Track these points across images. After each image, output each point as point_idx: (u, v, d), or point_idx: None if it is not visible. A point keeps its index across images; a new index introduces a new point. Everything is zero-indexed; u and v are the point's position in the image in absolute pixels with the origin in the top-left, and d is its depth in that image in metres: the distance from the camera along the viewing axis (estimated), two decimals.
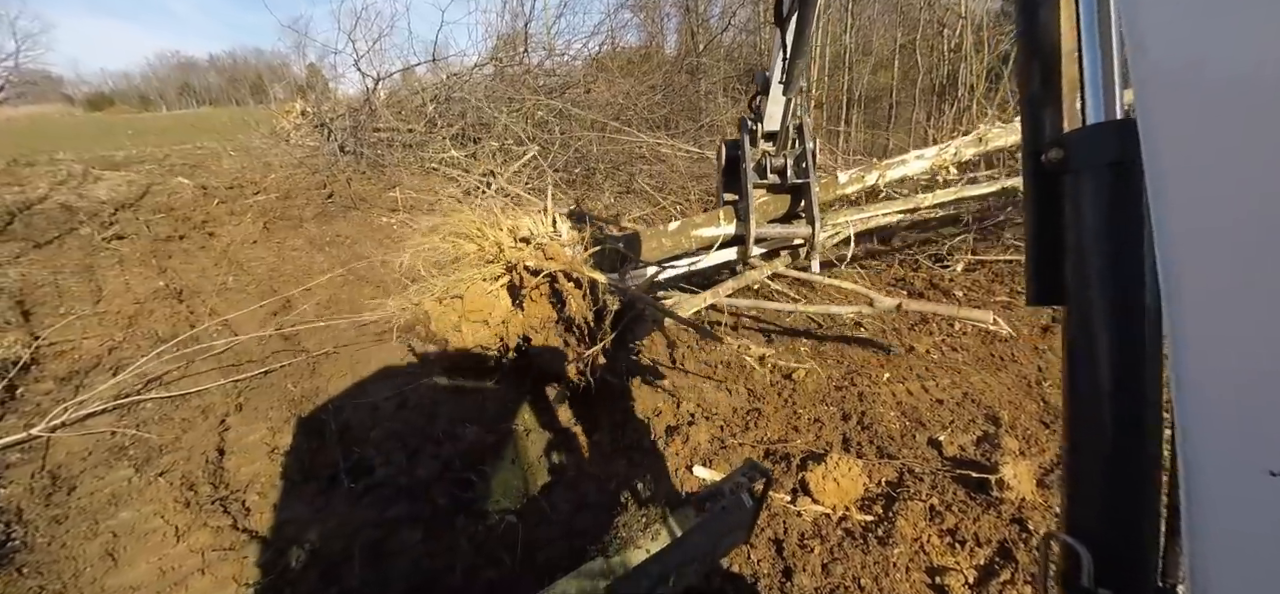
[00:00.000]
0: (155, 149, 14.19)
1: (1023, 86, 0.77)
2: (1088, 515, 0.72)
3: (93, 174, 9.61)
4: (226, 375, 3.69)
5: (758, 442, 3.18)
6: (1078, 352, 0.71)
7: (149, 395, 3.45)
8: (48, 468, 2.84)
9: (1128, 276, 0.64)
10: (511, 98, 10.44)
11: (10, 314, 4.57)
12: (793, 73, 2.47)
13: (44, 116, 39.16)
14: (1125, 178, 0.62)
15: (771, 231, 3.00)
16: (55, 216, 7.50)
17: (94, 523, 2.49)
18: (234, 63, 76.44)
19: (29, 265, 5.80)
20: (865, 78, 12.17)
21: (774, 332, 4.44)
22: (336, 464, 2.80)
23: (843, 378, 3.78)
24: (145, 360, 3.70)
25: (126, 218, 7.50)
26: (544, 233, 3.03)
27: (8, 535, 2.40)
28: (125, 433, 3.08)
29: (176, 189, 9.02)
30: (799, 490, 2.76)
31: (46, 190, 8.59)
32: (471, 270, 2.95)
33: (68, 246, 6.49)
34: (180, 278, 5.51)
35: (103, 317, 4.62)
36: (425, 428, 3.10)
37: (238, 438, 3.09)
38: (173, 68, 76.93)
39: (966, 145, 4.54)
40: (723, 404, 3.55)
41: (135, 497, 2.64)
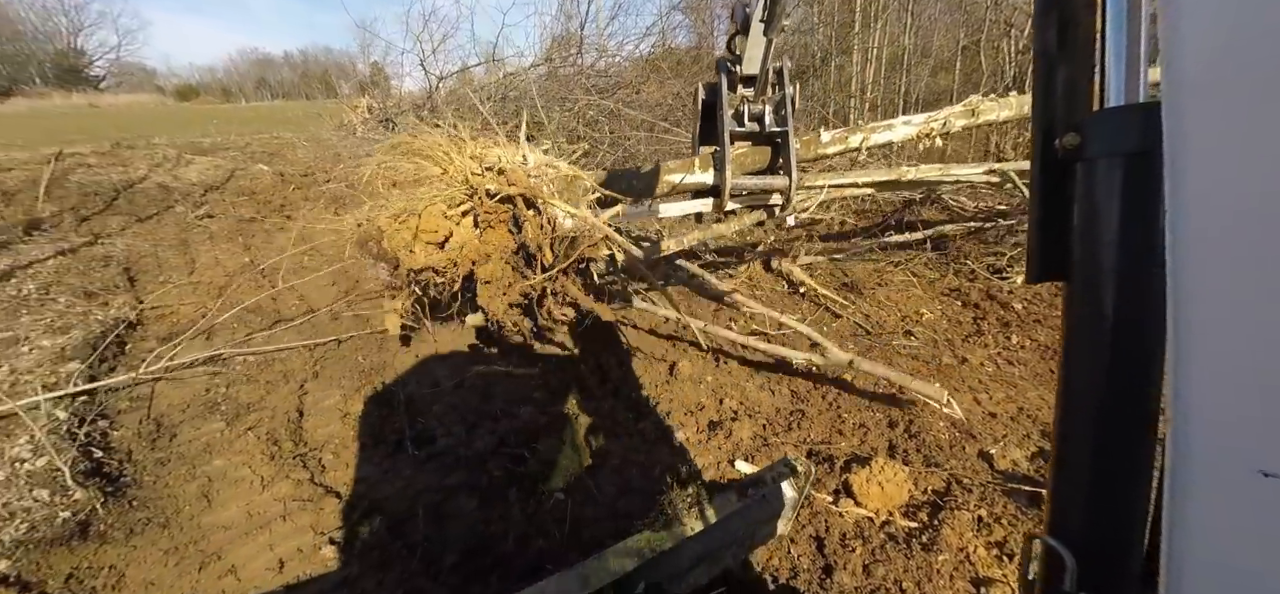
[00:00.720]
0: (237, 137, 15.22)
1: (1038, 64, 0.72)
2: (1073, 517, 0.70)
3: (185, 158, 10.43)
4: (306, 345, 4.00)
5: (801, 442, 3.21)
6: (1076, 345, 0.69)
7: (239, 352, 3.78)
8: (153, 416, 3.17)
9: (1137, 270, 0.61)
10: (564, 98, 10.69)
11: (119, 279, 5.07)
12: (774, 9, 2.26)
13: (140, 104, 42.56)
14: (1143, 168, 0.59)
15: (748, 183, 2.82)
16: (154, 195, 8.21)
17: (191, 467, 2.78)
18: (305, 60, 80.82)
19: (133, 238, 6.40)
20: (923, 79, 11.84)
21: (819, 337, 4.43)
22: (402, 432, 3.01)
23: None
24: (234, 323, 4.05)
25: (214, 198, 8.13)
26: (510, 160, 2.91)
27: (121, 472, 2.70)
28: (218, 390, 3.40)
29: (257, 175, 9.70)
30: (842, 491, 2.77)
31: (146, 171, 9.39)
32: (432, 191, 2.83)
33: (165, 222, 7.10)
34: (262, 255, 5.96)
35: (196, 286, 5.07)
36: (482, 406, 3.28)
37: (315, 401, 3.36)
38: (251, 63, 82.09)
39: (958, 115, 4.29)
40: (765, 403, 3.59)
41: (226, 447, 2.91)
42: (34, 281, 4.77)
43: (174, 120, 24.07)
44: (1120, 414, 0.65)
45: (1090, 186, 0.64)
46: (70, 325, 3.97)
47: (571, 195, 3.15)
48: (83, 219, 6.91)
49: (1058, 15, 0.69)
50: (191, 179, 9.22)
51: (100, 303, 4.46)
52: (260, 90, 72.97)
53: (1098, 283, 0.64)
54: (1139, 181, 0.59)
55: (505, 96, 11.14)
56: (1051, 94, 0.70)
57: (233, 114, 30.09)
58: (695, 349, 4.18)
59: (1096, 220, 0.63)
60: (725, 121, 2.65)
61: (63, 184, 8.24)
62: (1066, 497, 0.71)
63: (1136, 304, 0.61)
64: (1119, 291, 0.62)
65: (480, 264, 2.90)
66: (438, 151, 2.94)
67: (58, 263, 5.34)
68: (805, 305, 5.01)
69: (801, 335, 4.04)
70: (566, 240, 3.00)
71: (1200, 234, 0.50)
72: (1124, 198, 0.61)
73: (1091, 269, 0.64)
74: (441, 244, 2.87)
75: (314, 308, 4.70)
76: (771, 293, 5.28)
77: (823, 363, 3.52)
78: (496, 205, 2.85)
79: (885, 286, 5.44)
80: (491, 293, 2.86)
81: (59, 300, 4.44)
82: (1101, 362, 0.65)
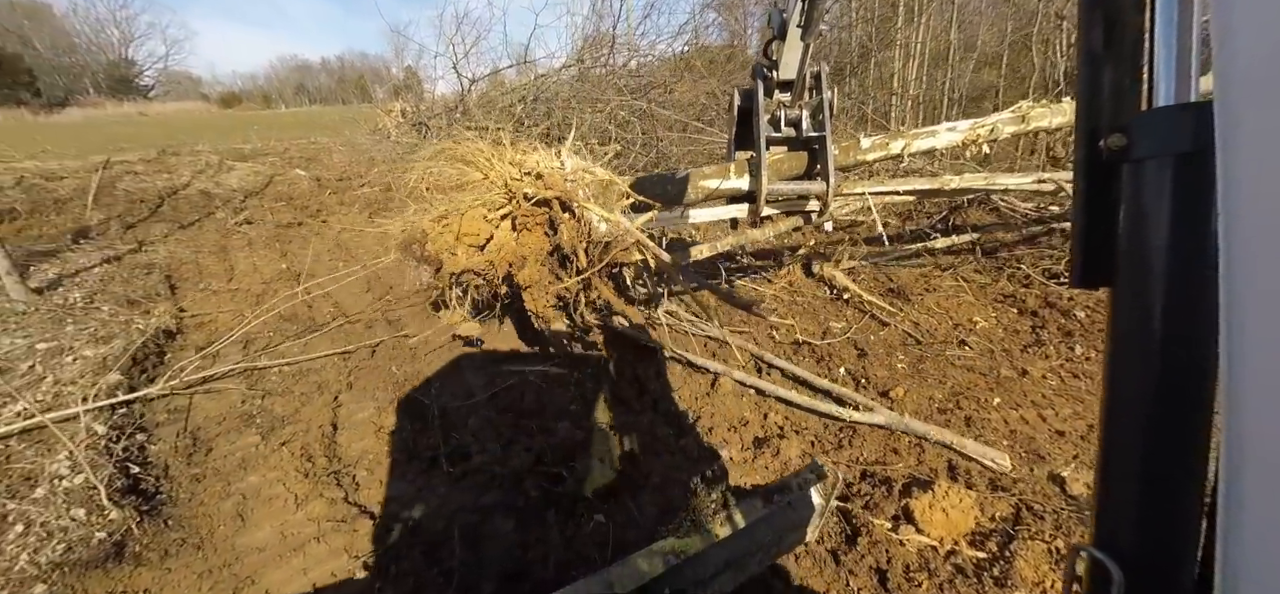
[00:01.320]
0: (276, 142, 15.60)
1: (1083, 64, 0.70)
2: (1121, 529, 0.68)
3: (226, 164, 10.69)
4: (339, 354, 3.96)
5: (853, 461, 3.02)
6: (1124, 351, 0.66)
7: (275, 363, 3.76)
8: (189, 429, 3.15)
9: (1187, 274, 0.58)
10: (596, 99, 10.61)
11: (160, 287, 5.15)
12: (812, 13, 2.21)
13: (185, 111, 44.30)
14: (1194, 169, 0.56)
15: (784, 188, 2.77)
16: (196, 201, 8.41)
17: (227, 483, 2.73)
18: (341, 65, 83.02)
19: (175, 244, 6.53)
20: (968, 75, 11.32)
21: (867, 345, 4.20)
22: (437, 448, 2.92)
23: (946, 400, 3.52)
24: (269, 331, 4.04)
25: (253, 204, 8.28)
26: (547, 165, 3.00)
27: (157, 488, 2.67)
28: (253, 402, 3.37)
29: (294, 180, 9.87)
30: (902, 517, 2.58)
31: (189, 177, 9.65)
32: (473, 196, 2.94)
33: (206, 229, 7.25)
34: (299, 261, 6.00)
35: (235, 293, 5.11)
36: (517, 419, 3.17)
37: (349, 414, 3.30)
38: (290, 69, 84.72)
39: (1006, 122, 4.09)
40: (813, 418, 3.40)
41: (261, 462, 2.87)
42: (80, 290, 4.88)
43: (217, 127, 24.89)
44: (1170, 423, 0.63)
45: (1137, 189, 0.62)
46: (112, 334, 4.02)
47: (606, 200, 3.14)
48: (128, 226, 7.10)
49: (1104, 13, 0.67)
50: (232, 185, 9.44)
51: (142, 311, 4.52)
52: (298, 96, 75.24)
53: (1146, 287, 0.62)
54: (1189, 183, 0.57)
55: (536, 98, 11.11)
56: (1097, 94, 0.68)
57: (272, 120, 31.00)
58: (737, 358, 4.00)
59: (1144, 223, 0.62)
60: (761, 127, 2.60)
61: (111, 191, 8.51)
62: (1114, 508, 0.69)
63: (1187, 309, 0.59)
64: (1168, 296, 0.60)
65: (517, 268, 2.97)
66: (479, 157, 3.00)
67: (103, 270, 5.46)
68: (849, 312, 4.78)
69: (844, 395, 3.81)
70: (600, 245, 3.01)
71: (1255, 236, 0.48)
72: (1173, 200, 0.59)
73: (1139, 273, 0.63)
74: (482, 247, 2.94)
75: (348, 314, 4.69)
76: (813, 299, 5.06)
77: (864, 419, 3.29)
78: (533, 209, 2.90)
79: (934, 292, 5.17)
80: (534, 296, 2.97)
81: (103, 308, 4.51)
82: (1150, 368, 0.63)
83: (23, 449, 2.86)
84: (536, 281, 2.95)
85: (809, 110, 2.69)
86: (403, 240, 3.24)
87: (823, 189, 2.72)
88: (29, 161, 10.46)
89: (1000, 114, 4.26)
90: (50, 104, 41.99)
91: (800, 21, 2.27)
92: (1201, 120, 0.53)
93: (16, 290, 4.46)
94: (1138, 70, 0.65)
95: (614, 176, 3.21)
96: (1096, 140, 0.66)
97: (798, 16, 2.26)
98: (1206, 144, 0.51)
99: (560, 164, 3.07)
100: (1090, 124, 0.68)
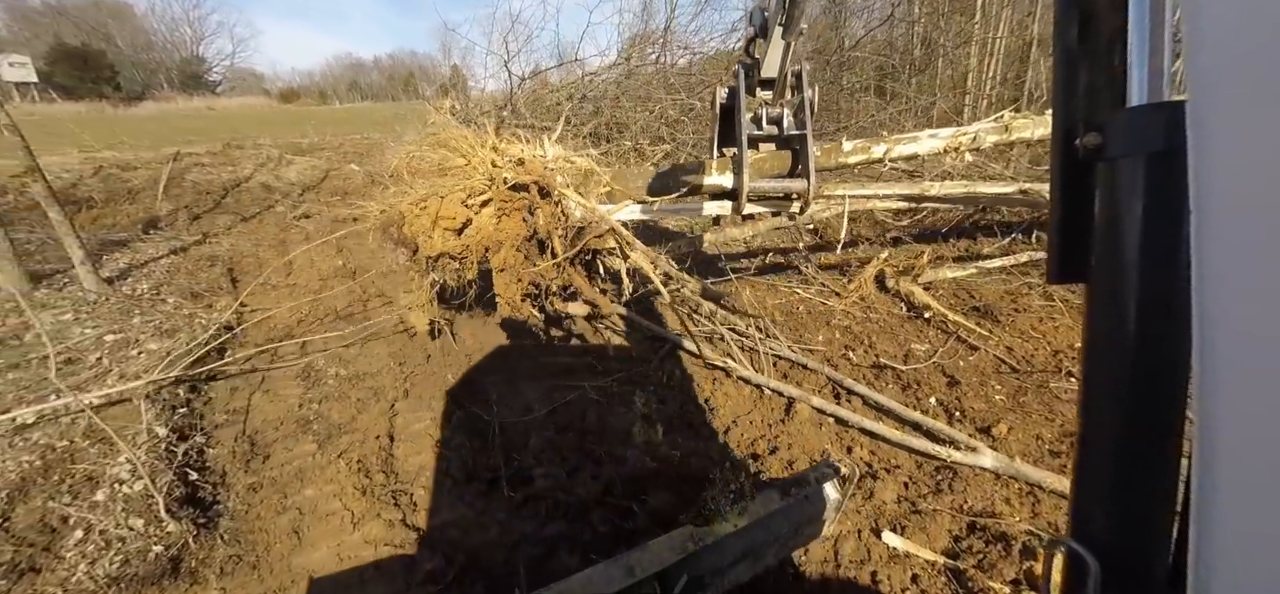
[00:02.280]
0: (331, 137, 16.04)
1: (1058, 63, 0.71)
2: (1097, 521, 0.69)
3: (285, 158, 10.96)
4: (395, 358, 3.85)
5: (957, 508, 2.68)
6: (1099, 346, 0.68)
7: (332, 370, 3.67)
8: (247, 432, 3.06)
9: (1161, 271, 0.59)
10: (645, 97, 10.37)
11: (222, 280, 5.19)
12: (793, 13, 2.18)
13: (249, 106, 46.48)
14: (1167, 167, 0.56)
15: (765, 185, 2.70)
16: (257, 194, 8.60)
17: (283, 496, 2.61)
18: (392, 63, 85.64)
19: (237, 237, 6.63)
20: (1048, 73, 10.53)
21: (957, 372, 3.81)
22: (497, 469, 2.74)
23: (1057, 440, 3.12)
24: (327, 331, 3.96)
25: (311, 198, 8.40)
26: (530, 153, 3.05)
27: (215, 497, 2.57)
28: (311, 406, 3.27)
29: (349, 175, 10.01)
30: (1023, 582, 2.24)
31: (251, 170, 9.92)
32: (454, 181, 2.97)
33: (266, 222, 7.37)
34: (354, 257, 5.98)
35: (293, 289, 5.10)
36: (581, 442, 2.96)
37: (405, 424, 3.16)
38: (345, 67, 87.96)
39: (989, 131, 4.09)
40: (903, 454, 3.06)
41: (318, 474, 2.74)
42: (147, 281, 4.95)
43: (277, 121, 25.89)
44: (1143, 417, 0.64)
45: (1112, 187, 0.63)
46: (176, 328, 4.02)
47: (585, 189, 3.21)
48: (195, 217, 7.27)
49: (1079, 13, 0.68)
50: (291, 179, 9.63)
51: (205, 305, 4.53)
52: (351, 92, 78.02)
53: (1120, 284, 0.62)
54: (1162, 181, 0.58)
55: (584, 97, 10.95)
56: (1072, 93, 0.69)
57: (327, 115, 32.10)
58: (809, 377, 3.69)
59: (1118, 221, 0.62)
60: (743, 125, 2.59)
61: (180, 183, 8.79)
62: (1090, 500, 0.70)
63: (1160, 306, 0.60)
64: (1141, 293, 0.61)
65: (494, 251, 3.00)
66: (462, 143, 3.07)
67: (170, 262, 5.55)
68: (932, 333, 4.39)
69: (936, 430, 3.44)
70: (574, 230, 3.08)
71: (1226, 235, 0.49)
72: (1147, 198, 0.60)
73: (1113, 270, 0.63)
74: (459, 231, 2.99)
75: (401, 316, 4.59)
76: (888, 317, 4.68)
77: (966, 460, 2.94)
78: (512, 194, 2.94)
79: (1024, 312, 4.71)
80: (506, 280, 3.01)
81: (168, 301, 4.55)
82: (1124, 363, 0.64)
83: (86, 446, 2.82)
84: (510, 266, 3.00)
85: (791, 109, 2.68)
86: (381, 222, 3.31)
87: (804, 187, 2.67)
88: (107, 152, 10.98)
89: (982, 123, 4.27)
90: (128, 98, 44.75)
91: (781, 19, 2.28)
92: (1174, 120, 0.54)
93: (89, 280, 4.53)
94: (1113, 70, 0.65)
95: (594, 166, 3.28)
96: (1073, 139, 0.67)
97: (779, 13, 2.28)
98: (1179, 143, 0.52)
99: (542, 152, 3.14)
100: (1066, 123, 0.69)
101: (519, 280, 3.04)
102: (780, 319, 4.63)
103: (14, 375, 3.42)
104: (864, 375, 3.81)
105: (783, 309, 4.85)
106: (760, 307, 4.80)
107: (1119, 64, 0.64)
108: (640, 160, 9.04)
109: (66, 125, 14.93)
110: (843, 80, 11.34)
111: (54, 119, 20.71)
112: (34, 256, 5.31)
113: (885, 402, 3.44)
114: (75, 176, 8.69)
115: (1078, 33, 0.68)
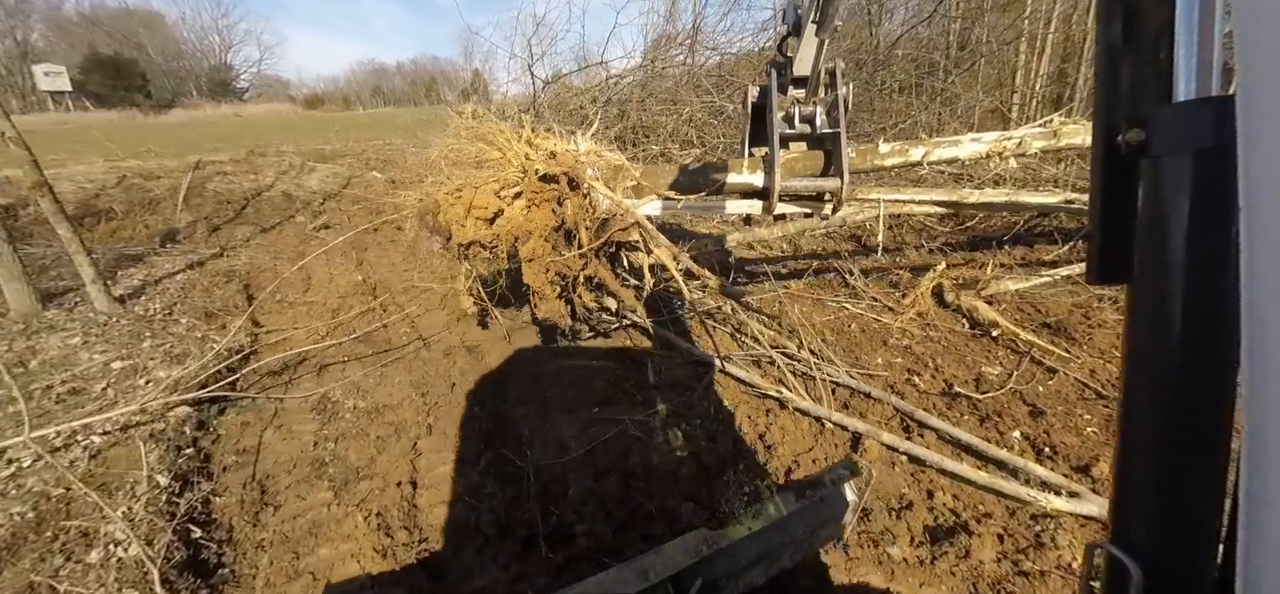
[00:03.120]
0: (354, 143, 15.97)
1: (1101, 57, 0.68)
2: (1139, 526, 0.66)
3: (307, 166, 10.83)
4: (417, 388, 3.55)
5: (1065, 569, 2.28)
6: (1141, 347, 0.65)
7: (350, 401, 3.39)
8: (257, 476, 2.79)
9: (1207, 271, 0.56)
10: (673, 100, 10.02)
11: (238, 297, 4.96)
12: (827, 10, 2.20)
13: (274, 112, 47.21)
14: (1214, 164, 0.54)
15: (797, 184, 2.75)
16: (278, 203, 8.44)
17: (295, 557, 2.32)
18: (414, 68, 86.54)
19: (256, 249, 6.44)
20: None
21: (1038, 399, 3.39)
22: (534, 524, 2.41)
23: None
24: (344, 356, 3.69)
25: (331, 207, 8.21)
26: (563, 148, 3.11)
27: (219, 560, 2.29)
28: (326, 445, 2.99)
29: (370, 183, 9.82)
30: None
31: (273, 178, 9.79)
32: (489, 173, 3.08)
33: (285, 232, 7.18)
34: (374, 271, 5.74)
35: (310, 306, 4.86)
36: (626, 494, 2.62)
37: (428, 467, 2.85)
38: (368, 73, 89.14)
39: (1036, 137, 3.83)
40: (990, 499, 2.67)
41: (333, 529, 2.44)
42: (160, 300, 4.74)
43: (301, 127, 26.11)
44: (1188, 420, 0.61)
45: (1156, 185, 0.61)
46: (187, 352, 3.78)
47: (614, 184, 3.24)
48: (214, 229, 7.11)
49: (1123, 7, 0.66)
50: (312, 187, 9.48)
51: (218, 325, 4.30)
52: (375, 97, 79.01)
53: (1164, 284, 0.60)
54: (1209, 179, 0.55)
55: (609, 100, 10.64)
56: (1115, 89, 0.67)
57: (351, 121, 32.34)
58: (872, 407, 3.31)
59: (1163, 220, 0.60)
60: (775, 123, 2.61)
61: (201, 192, 8.68)
62: (1132, 506, 0.68)
63: (1206, 307, 0.57)
64: (1187, 293, 0.58)
65: (523, 241, 3.05)
66: (499, 137, 3.13)
67: (185, 278, 5.36)
68: (1002, 353, 3.96)
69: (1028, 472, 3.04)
70: (599, 222, 3.11)
71: (1277, 234, 0.47)
72: (1193, 196, 0.57)
73: (1157, 270, 0.61)
74: (491, 221, 3.07)
75: (424, 336, 4.31)
76: (950, 335, 4.26)
77: (1068, 508, 2.54)
78: (543, 186, 3.00)
79: (1099, 327, 4.26)
80: (534, 270, 3.04)
81: (181, 321, 4.33)
82: (1168, 365, 0.62)
83: (85, 493, 2.56)
84: (538, 256, 3.05)
85: (824, 107, 2.70)
86: (418, 210, 3.40)
87: (837, 186, 2.70)
88: (132, 160, 10.98)
89: (1028, 127, 3.99)
90: (159, 105, 45.75)
91: (815, 17, 2.27)
92: (1223, 115, 0.52)
93: (101, 300, 4.34)
94: (1157, 64, 0.62)
95: (625, 162, 3.32)
96: (1115, 136, 0.65)
97: (813, 12, 2.26)
98: (1228, 139, 0.50)
99: (575, 147, 3.17)
100: (1109, 119, 0.67)
101: (547, 270, 3.07)
102: (831, 338, 4.24)
103: (14, 410, 3.20)
104: (934, 404, 3.41)
105: (832, 327, 4.45)
106: (807, 323, 4.42)
107: (1165, 58, 0.61)
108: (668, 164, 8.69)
109: (95, 135, 15.09)
110: (879, 80, 10.85)
111: (85, 128, 21.10)
112: (49, 272, 5.15)
113: (964, 437, 3.04)
114: (98, 186, 8.63)
115: (1122, 27, 0.66)
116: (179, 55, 61.83)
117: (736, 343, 4.18)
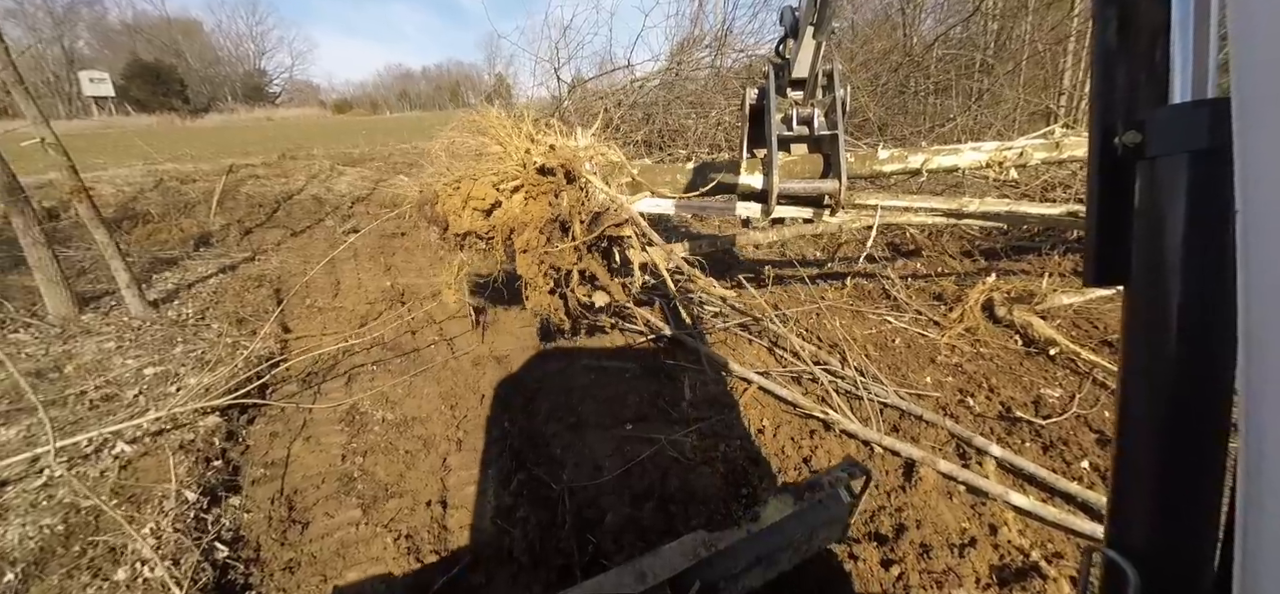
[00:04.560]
0: (382, 147, 16.15)
1: (1097, 59, 0.68)
2: (1137, 529, 0.66)
3: (337, 169, 10.93)
4: (446, 400, 3.46)
5: None
6: (1138, 350, 0.65)
7: (378, 413, 3.31)
8: (285, 491, 2.71)
9: (1204, 272, 0.56)
10: (699, 103, 9.87)
11: (268, 303, 4.95)
12: (824, 12, 2.20)
13: (305, 117, 48.34)
14: (1210, 166, 0.54)
15: (795, 186, 2.73)
16: (308, 207, 8.51)
17: (323, 579, 2.22)
18: (439, 73, 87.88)
19: (287, 253, 6.46)
20: None
21: (1105, 425, 3.14)
22: (569, 553, 2.28)
23: None
24: (372, 365, 3.62)
25: (360, 211, 8.24)
26: (562, 141, 3.14)
27: (246, 581, 2.21)
28: (354, 460, 2.90)
29: (398, 186, 9.87)
30: None
31: (303, 182, 9.90)
32: (488, 165, 3.10)
33: (315, 236, 7.21)
34: (402, 276, 5.69)
35: (339, 312, 4.82)
36: (664, 514, 2.47)
37: (459, 485, 2.75)
38: (395, 78, 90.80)
39: (1037, 148, 3.80)
40: (1058, 535, 2.46)
41: (361, 551, 2.35)
42: (193, 304, 4.75)
43: (331, 132, 26.59)
44: (1185, 422, 0.61)
45: (1152, 186, 0.61)
46: (218, 359, 3.75)
47: (611, 180, 3.25)
48: (246, 232, 7.18)
49: (1119, 9, 0.66)
50: (341, 191, 9.55)
51: (249, 331, 4.28)
52: (401, 101, 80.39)
53: (1161, 286, 0.60)
54: (1206, 181, 0.56)
55: (634, 103, 10.53)
56: (1111, 91, 0.67)
57: (378, 125, 32.87)
58: (924, 430, 3.10)
59: (1159, 221, 0.60)
60: (773, 125, 2.60)
61: (234, 195, 8.80)
62: (1128, 509, 0.68)
63: (1203, 308, 0.58)
64: (1183, 295, 0.58)
65: (518, 233, 3.05)
66: (500, 129, 3.13)
67: (217, 282, 5.38)
68: (1061, 374, 3.72)
69: None
70: (592, 215, 3.12)
71: (1273, 235, 0.47)
72: (1189, 197, 0.57)
73: (1153, 272, 0.61)
74: (487, 212, 3.07)
75: (452, 344, 4.22)
76: (1002, 352, 4.02)
77: None
78: (541, 178, 3.01)
79: None
80: (528, 262, 3.03)
81: (212, 326, 4.32)
82: (1165, 367, 0.62)
83: (115, 506, 2.51)
84: (532, 247, 3.06)
85: (822, 109, 2.69)
86: (418, 200, 3.45)
87: (835, 187, 2.69)
88: (169, 164, 11.22)
89: (1029, 137, 3.98)
90: (195, 110, 47.20)
91: (813, 18, 2.26)
92: (1218, 117, 0.52)
93: (135, 304, 4.35)
94: (1153, 66, 0.62)
95: (624, 158, 3.31)
96: (1111, 137, 0.65)
97: (810, 13, 2.25)
98: (1224, 141, 0.50)
99: (575, 142, 3.18)
100: (1105, 121, 0.67)
101: (540, 262, 3.07)
102: (875, 354, 4.04)
103: (56, 412, 3.19)
104: (992, 429, 3.19)
105: (875, 342, 4.25)
106: (848, 337, 4.22)
107: (1161, 59, 0.60)
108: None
109: (135, 139, 15.53)
110: (913, 83, 10.54)
111: (127, 132, 21.77)
112: (87, 275, 5.22)
113: (1028, 466, 2.83)
114: (137, 189, 8.82)
115: (1118, 29, 0.65)
116: (215, 62, 63.73)
117: (774, 358, 4.01)
